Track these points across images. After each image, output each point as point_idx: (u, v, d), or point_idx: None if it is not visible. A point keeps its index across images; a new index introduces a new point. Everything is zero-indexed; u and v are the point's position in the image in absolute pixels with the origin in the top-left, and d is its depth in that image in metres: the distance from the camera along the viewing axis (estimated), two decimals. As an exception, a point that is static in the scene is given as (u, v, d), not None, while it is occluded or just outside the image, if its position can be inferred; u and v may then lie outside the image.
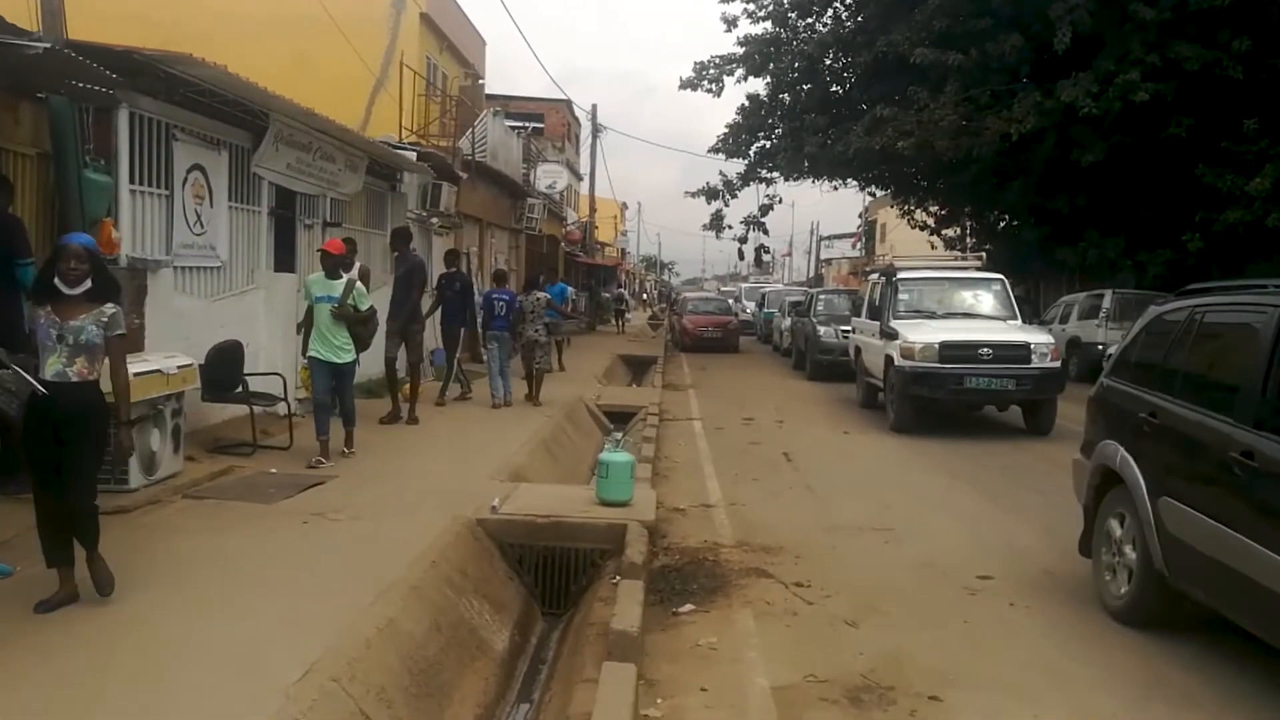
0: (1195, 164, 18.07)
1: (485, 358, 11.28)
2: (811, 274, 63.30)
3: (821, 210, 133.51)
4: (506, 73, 69.20)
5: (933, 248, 34.02)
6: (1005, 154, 20.21)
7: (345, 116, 14.40)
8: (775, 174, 25.48)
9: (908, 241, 48.26)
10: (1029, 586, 5.62)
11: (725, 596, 5.31)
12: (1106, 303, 17.65)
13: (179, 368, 6.26)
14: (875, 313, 12.63)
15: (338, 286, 7.66)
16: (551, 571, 5.75)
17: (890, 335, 11.74)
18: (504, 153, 19.01)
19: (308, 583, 4.61)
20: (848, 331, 16.30)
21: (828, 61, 23.76)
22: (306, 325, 7.79)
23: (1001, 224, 27.43)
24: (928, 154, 20.10)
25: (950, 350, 10.99)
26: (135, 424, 5.34)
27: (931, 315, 12.14)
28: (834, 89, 24.66)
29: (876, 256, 32.71)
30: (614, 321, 34.83)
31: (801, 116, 22.86)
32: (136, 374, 5.28)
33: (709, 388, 16.46)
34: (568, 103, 39.27)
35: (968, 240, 33.08)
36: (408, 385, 10.14)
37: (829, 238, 66.07)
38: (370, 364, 10.13)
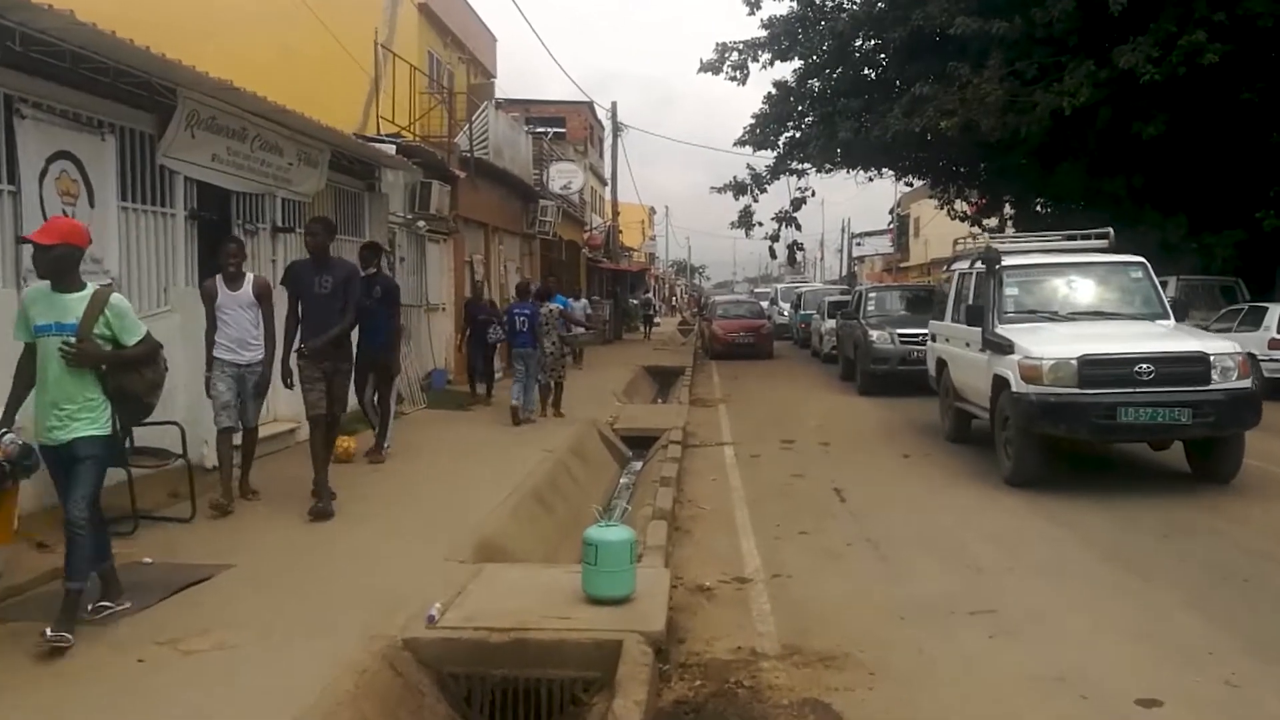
0: (1270, 132, 15.95)
1: (514, 376, 11.09)
2: (844, 272, 61.03)
3: (851, 207, 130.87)
4: (530, 78, 67.99)
5: (974, 239, 31.91)
6: (1055, 132, 18.13)
7: (340, 118, 12.79)
8: (806, 165, 23.52)
9: (944, 236, 46.14)
10: (1216, 713, 3.71)
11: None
12: (1170, 291, 15.36)
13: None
14: (973, 315, 9.05)
15: (74, 306, 4.15)
16: (514, 715, 3.91)
17: (1000, 347, 8.39)
18: (510, 150, 17.31)
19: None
20: (907, 336, 14.22)
21: (858, 42, 21.76)
22: (20, 380, 4.27)
23: (1047, 210, 25.26)
24: (972, 136, 18.08)
25: (1095, 368, 7.57)
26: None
27: (1052, 316, 8.86)
28: (866, 72, 22.64)
29: (969, 238, 30.42)
30: (642, 328, 33.29)
31: (834, 101, 20.90)
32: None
33: (742, 402, 14.56)
34: (589, 105, 37.71)
35: (1008, 230, 30.95)
36: (350, 438, 8.40)
37: (860, 235, 63.84)
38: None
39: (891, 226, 55.83)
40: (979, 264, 9.63)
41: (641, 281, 45.90)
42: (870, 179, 25.84)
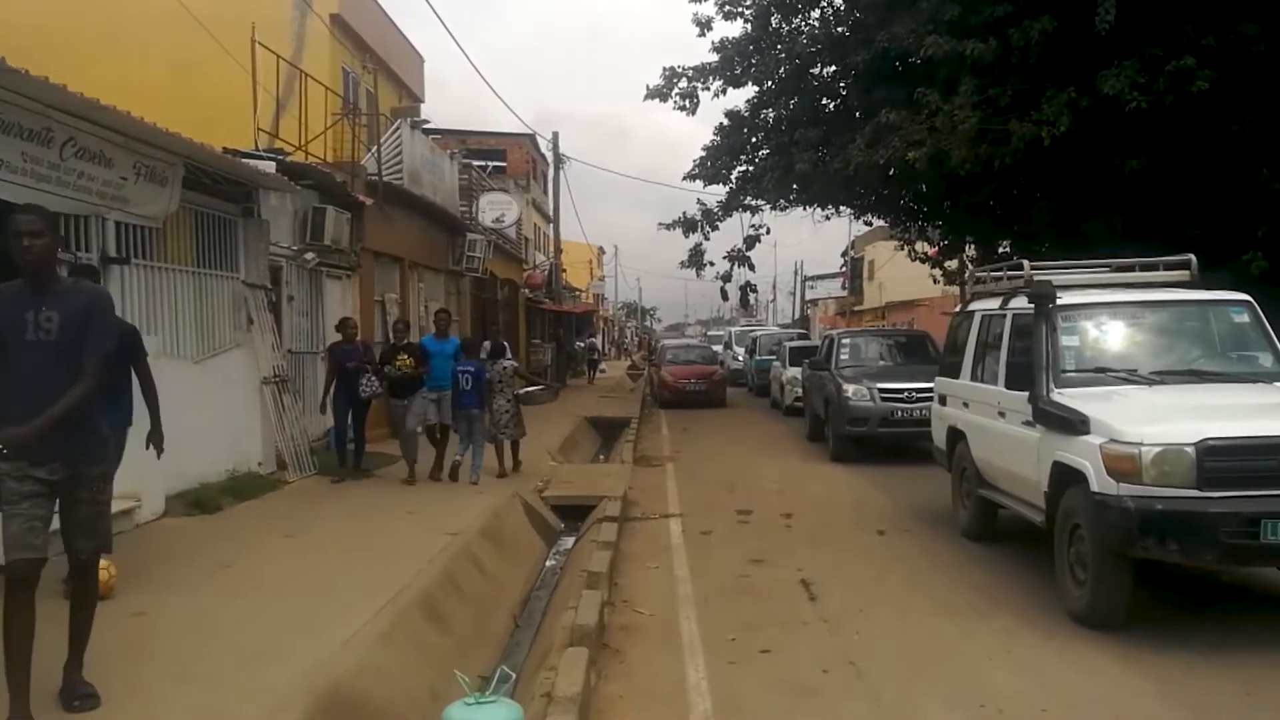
0: (1259, 168, 14.93)
1: (459, 437, 9.97)
2: (796, 315, 60.25)
3: (803, 250, 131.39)
4: (478, 116, 66.34)
5: (935, 282, 30.94)
6: (1029, 166, 17.02)
7: (242, 140, 11.00)
8: (760, 202, 22.15)
9: (899, 280, 45.49)
10: None
11: None
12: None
13: None
14: (1015, 373, 6.60)
15: None
16: None
17: (1065, 423, 5.77)
18: (432, 176, 15.59)
19: None
20: (890, 392, 12.13)
21: (816, 69, 20.60)
22: None
23: (1014, 253, 24.35)
24: (937, 170, 16.85)
25: (1224, 459, 5.02)
26: None
27: (1130, 376, 6.20)
28: (825, 102, 21.45)
29: (989, 271, 29.06)
30: (587, 373, 31.60)
31: (790, 131, 19.59)
32: None
33: (692, 460, 12.84)
34: (531, 137, 36.24)
35: (968, 272, 30.05)
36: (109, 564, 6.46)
37: (812, 278, 63.29)
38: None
39: (844, 270, 55.24)
40: (1016, 303, 6.99)
41: (589, 324, 44.23)
42: (828, 217, 24.59)
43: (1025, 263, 7.01)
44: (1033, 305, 6.53)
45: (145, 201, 7.70)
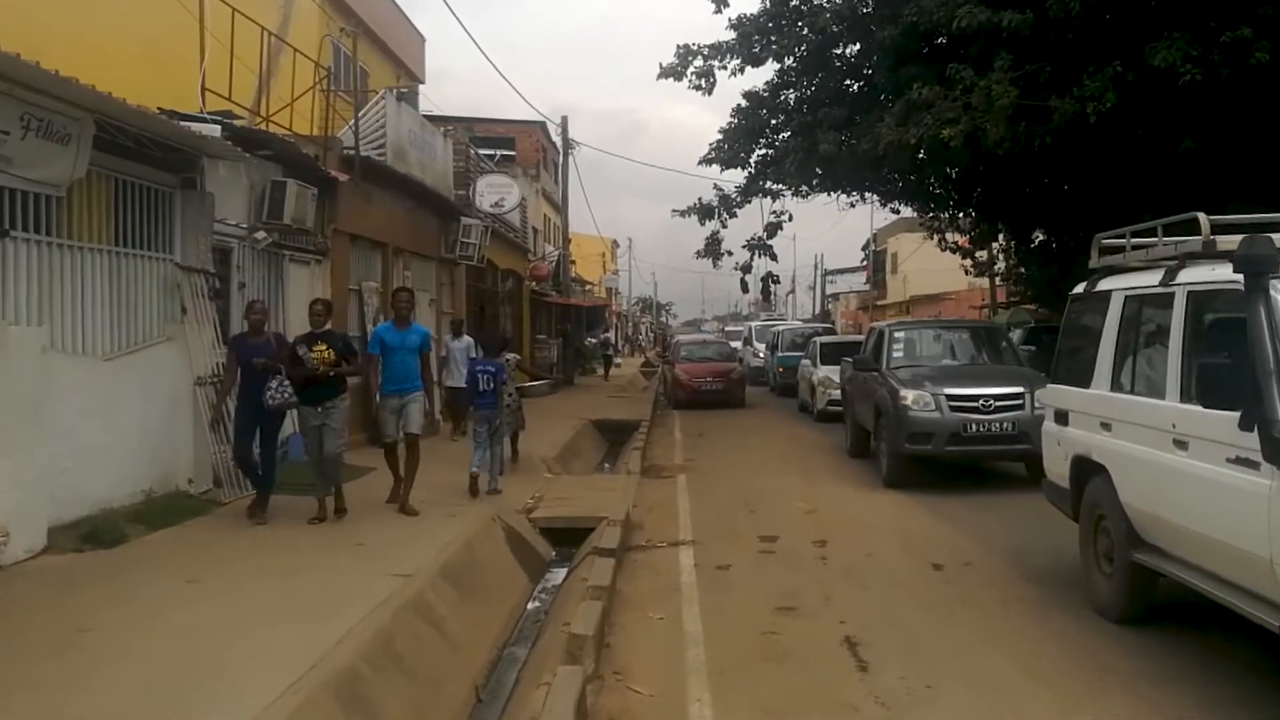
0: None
1: (475, 439, 9.27)
2: (817, 310, 58.56)
3: (823, 243, 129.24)
4: (494, 107, 64.67)
5: (966, 273, 29.19)
6: (1070, 147, 15.41)
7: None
8: (781, 187, 20.60)
9: (923, 273, 43.74)
10: None
11: None
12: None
13: None
14: (1208, 382, 4.16)
15: None
16: None
17: None
18: (421, 155, 14.14)
19: None
20: (962, 400, 9.42)
21: (840, 48, 19.02)
22: None
23: (1051, 241, 22.70)
24: (962, 157, 15.32)
25: None
26: None
27: None
28: (848, 83, 19.87)
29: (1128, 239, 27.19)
30: (602, 370, 30.53)
31: (814, 110, 18.04)
32: None
33: (708, 471, 11.32)
34: (541, 125, 34.77)
35: (998, 264, 28.33)
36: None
37: (832, 273, 61.57)
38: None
39: (865, 263, 53.52)
40: (1193, 275, 4.82)
41: (601, 319, 42.73)
42: (853, 204, 23.02)
43: (1201, 216, 4.77)
44: (1243, 277, 4.20)
45: (37, 163, 6.29)
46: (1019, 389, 9.49)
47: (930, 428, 9.46)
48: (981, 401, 9.43)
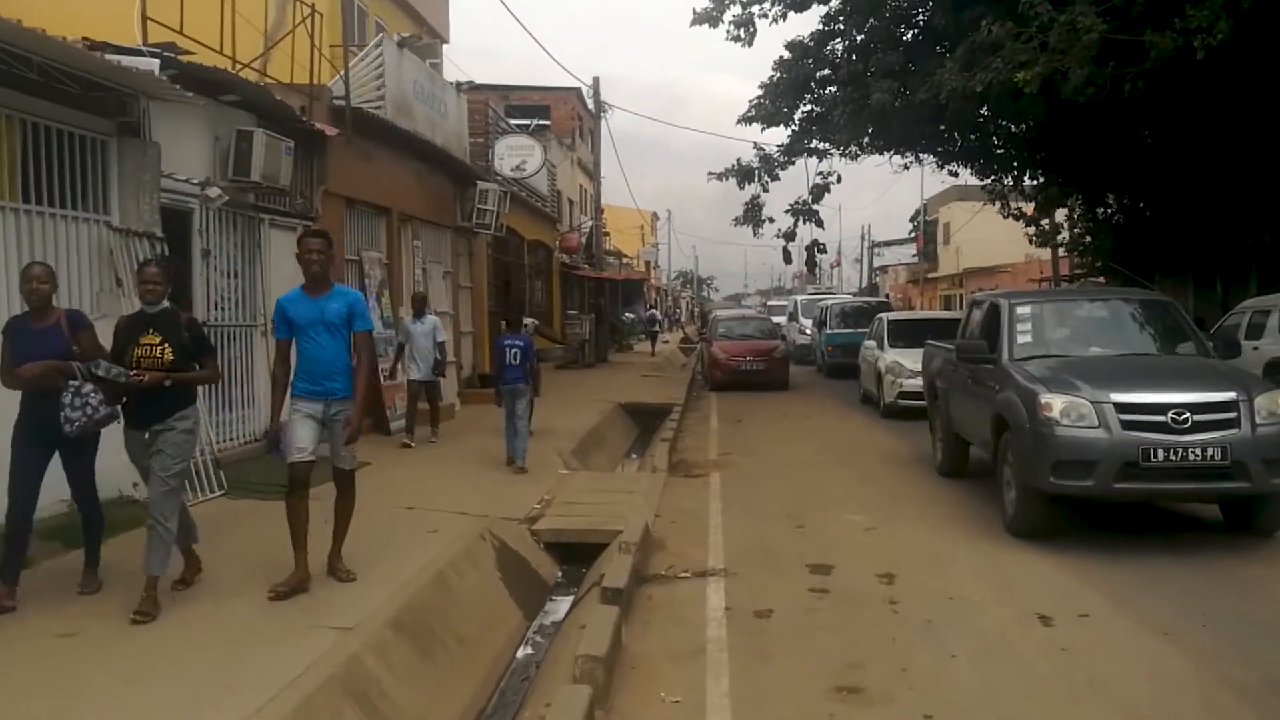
0: None
1: (504, 414, 9.22)
2: (864, 284, 56.36)
3: (868, 215, 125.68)
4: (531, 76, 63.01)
5: (1031, 243, 27.02)
6: (1163, 95, 13.46)
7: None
8: (828, 146, 18.84)
9: (978, 244, 41.36)
10: None
11: None
12: None
13: None
14: None
15: None
16: None
17: None
18: (428, 110, 12.71)
19: None
20: (1141, 410, 6.22)
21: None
22: None
23: (1144, 209, 20.66)
24: (1048, 99, 13.46)
25: None
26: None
27: None
28: (902, 30, 17.98)
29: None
30: (649, 345, 30.21)
31: (865, 57, 16.27)
32: None
33: (746, 469, 9.83)
34: (577, 92, 33.13)
35: (1062, 234, 26.17)
36: None
37: (880, 244, 59.21)
38: None
39: (915, 233, 51.17)
40: None
41: (639, 293, 41.28)
42: (906, 166, 21.12)
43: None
44: None
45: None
46: (1230, 394, 6.22)
47: (1090, 453, 6.14)
48: (1172, 414, 6.08)
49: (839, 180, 18.52)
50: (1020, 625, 4.91)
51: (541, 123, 29.96)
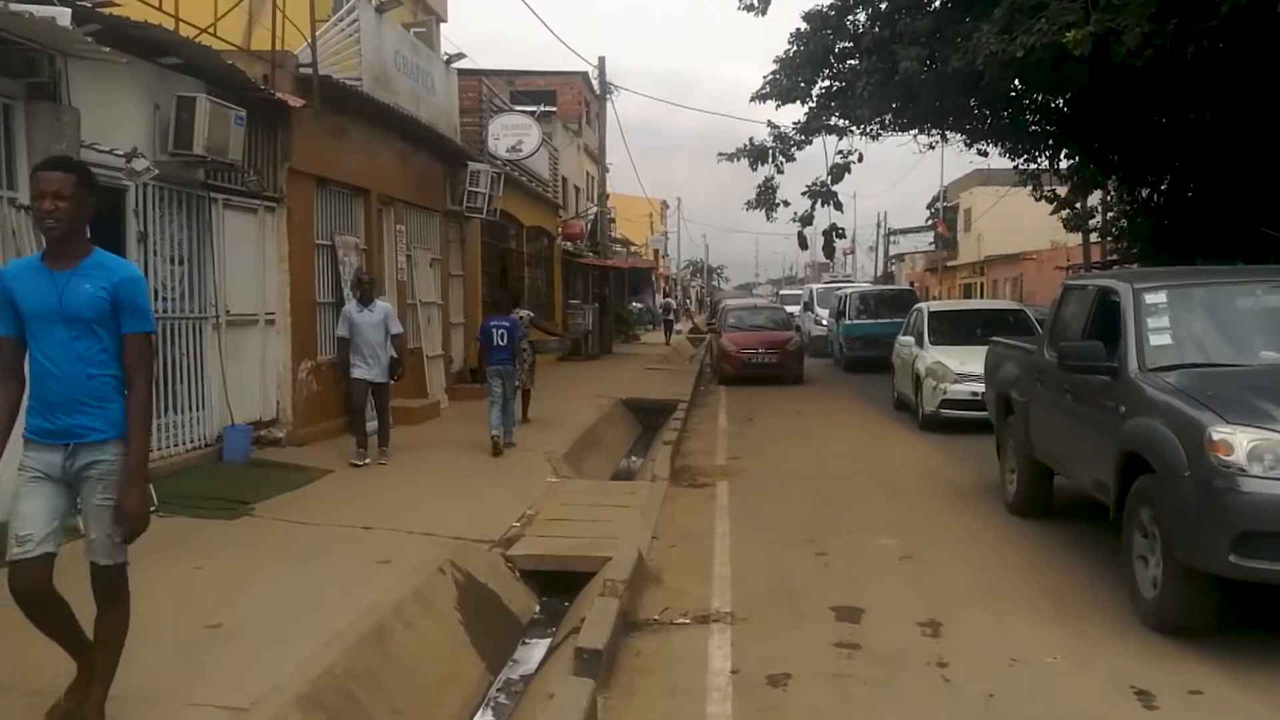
0: None
1: (489, 397, 9.21)
2: (880, 272, 55.06)
3: (883, 203, 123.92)
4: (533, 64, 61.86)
5: (1068, 228, 25.69)
6: (1231, 57, 12.24)
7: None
8: (847, 123, 17.67)
9: (999, 231, 39.95)
10: None
11: None
12: None
13: None
14: None
15: None
16: None
17: None
18: (411, 83, 11.67)
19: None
20: None
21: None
22: None
23: (1160, 191, 19.35)
24: (1098, 65, 12.28)
25: None
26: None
27: None
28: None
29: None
30: (664, 334, 30.64)
31: (892, 22, 15.08)
32: None
33: (759, 477, 8.78)
34: (584, 76, 32.14)
35: (1094, 218, 24.91)
36: None
37: (895, 232, 57.83)
38: None
39: (933, 220, 49.74)
40: None
41: (647, 282, 40.15)
42: (931, 146, 19.91)
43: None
44: None
45: None
46: None
47: None
48: None
49: (860, 159, 17.35)
50: (1111, 703, 3.84)
51: (548, 109, 28.95)
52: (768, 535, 6.56)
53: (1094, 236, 26.66)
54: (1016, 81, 15.00)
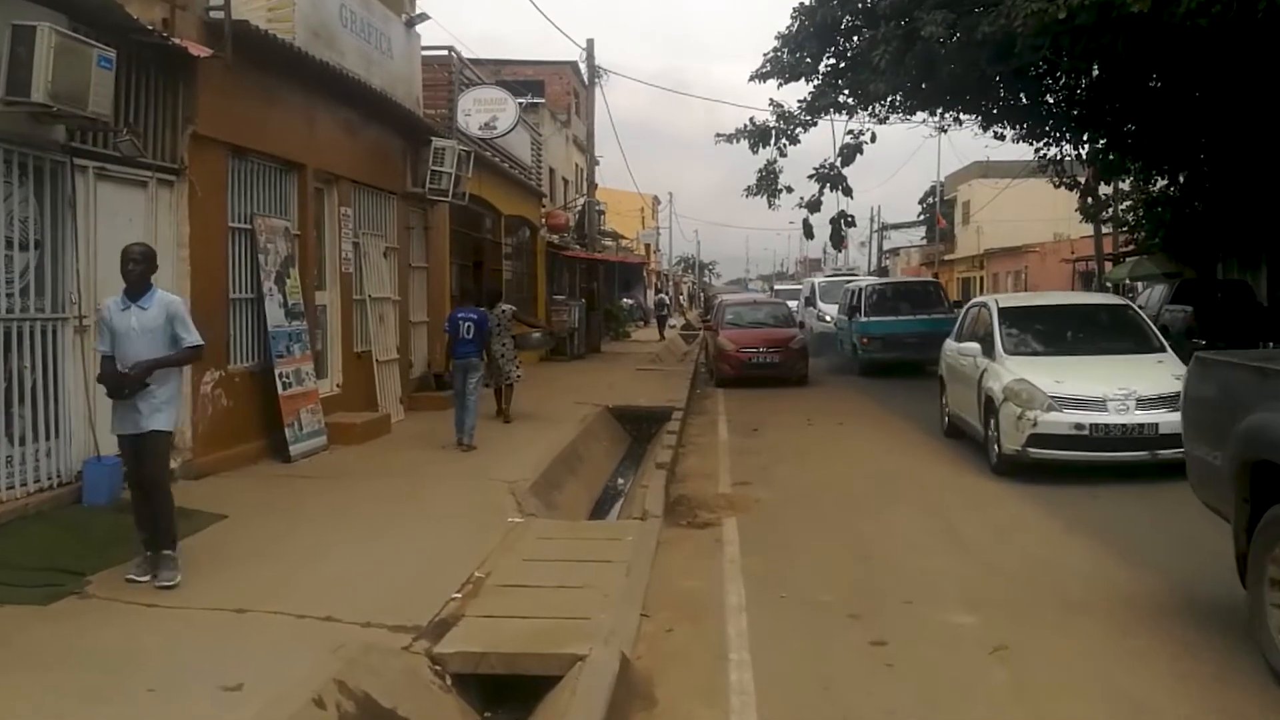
0: None
1: (453, 389, 9.14)
2: (874, 266, 53.56)
3: (873, 199, 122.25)
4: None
5: (1088, 219, 24.02)
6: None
7: None
8: (856, 102, 16.04)
9: (999, 224, 38.37)
10: None
11: None
12: None
13: None
14: None
15: None
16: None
17: None
18: (362, 42, 9.95)
19: None
20: None
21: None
22: None
23: (1171, 184, 17.85)
24: (1153, 24, 10.79)
25: None
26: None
27: None
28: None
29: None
30: (658, 330, 30.26)
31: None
32: None
33: (773, 512, 7.09)
34: (572, 65, 30.61)
35: (1108, 205, 23.33)
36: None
37: (888, 227, 56.48)
38: None
39: (927, 214, 48.17)
40: None
41: (639, 277, 38.47)
42: (943, 129, 18.31)
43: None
44: None
45: None
46: None
47: None
48: None
49: (873, 139, 15.65)
50: None
51: (536, 100, 27.34)
52: (797, 609, 4.87)
53: (1105, 229, 25.17)
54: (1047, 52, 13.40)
